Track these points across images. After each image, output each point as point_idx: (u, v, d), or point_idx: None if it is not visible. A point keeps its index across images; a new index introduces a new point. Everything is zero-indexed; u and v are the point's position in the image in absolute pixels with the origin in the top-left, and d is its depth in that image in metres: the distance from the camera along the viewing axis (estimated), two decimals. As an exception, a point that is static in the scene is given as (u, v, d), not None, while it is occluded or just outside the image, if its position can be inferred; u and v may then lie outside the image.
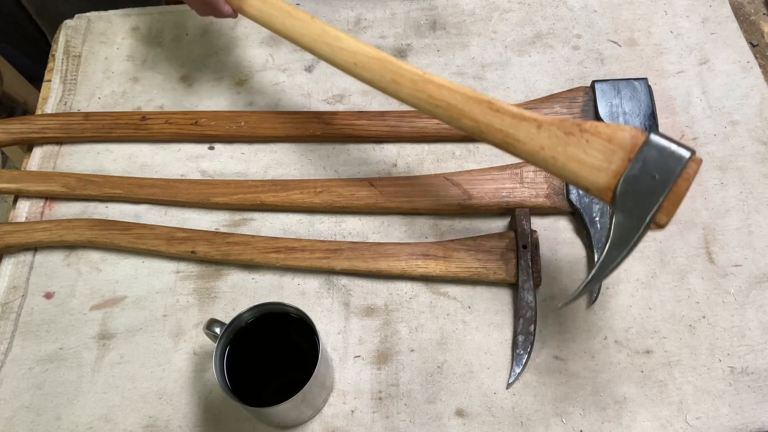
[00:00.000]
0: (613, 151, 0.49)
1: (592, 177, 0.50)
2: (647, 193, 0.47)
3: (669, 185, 0.46)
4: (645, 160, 0.47)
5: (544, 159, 0.52)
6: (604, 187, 0.49)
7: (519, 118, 0.53)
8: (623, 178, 0.48)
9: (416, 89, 0.57)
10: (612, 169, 0.49)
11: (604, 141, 0.49)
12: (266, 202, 0.71)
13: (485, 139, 0.55)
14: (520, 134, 0.53)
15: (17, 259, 0.72)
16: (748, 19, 0.88)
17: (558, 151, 0.51)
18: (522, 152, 0.53)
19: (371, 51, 0.60)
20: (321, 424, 0.61)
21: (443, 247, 0.66)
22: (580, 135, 0.50)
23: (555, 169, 0.52)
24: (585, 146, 0.50)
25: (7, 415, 0.63)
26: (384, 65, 0.60)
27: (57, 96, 0.83)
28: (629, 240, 0.48)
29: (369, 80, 0.61)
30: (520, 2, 0.86)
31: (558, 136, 0.51)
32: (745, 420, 0.59)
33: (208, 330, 0.57)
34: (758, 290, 0.65)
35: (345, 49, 0.62)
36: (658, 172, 0.47)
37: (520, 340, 0.62)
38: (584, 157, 0.50)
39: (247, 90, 0.82)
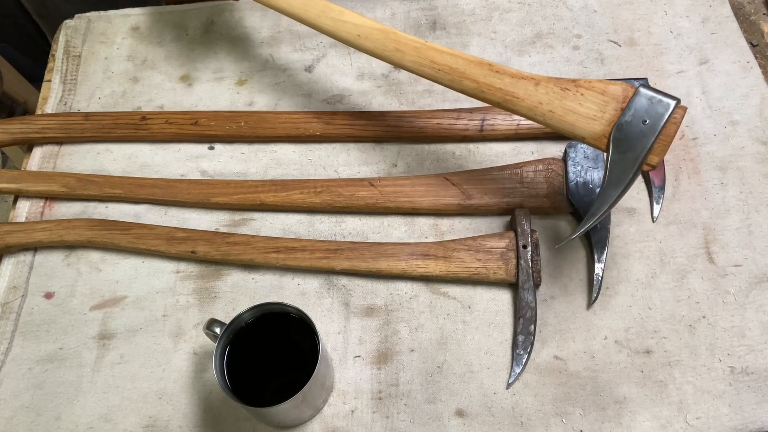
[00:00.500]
0: (607, 102, 0.54)
1: (588, 126, 0.55)
2: (639, 137, 0.52)
3: (658, 128, 0.52)
4: (636, 108, 0.53)
5: (542, 113, 0.56)
6: (599, 134, 0.54)
7: (518, 77, 0.57)
8: (617, 125, 0.53)
9: (419, 56, 0.61)
10: (606, 118, 0.54)
11: (597, 93, 0.55)
12: (266, 202, 0.71)
13: (486, 98, 0.59)
14: (519, 91, 0.57)
15: (17, 259, 0.72)
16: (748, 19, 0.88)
17: (555, 105, 0.56)
18: (521, 108, 0.57)
19: (373, 23, 0.64)
20: (321, 424, 0.61)
21: (443, 247, 0.66)
22: (576, 90, 0.55)
23: (553, 121, 0.56)
24: (580, 99, 0.55)
25: (7, 415, 0.63)
26: (387, 35, 0.63)
27: (57, 96, 0.83)
28: (624, 180, 0.52)
29: (372, 50, 0.64)
30: (520, 2, 0.86)
31: (555, 92, 0.56)
32: (745, 420, 0.59)
33: (208, 330, 0.57)
34: (758, 290, 0.65)
35: (348, 21, 0.64)
36: (648, 117, 0.52)
37: (520, 340, 0.62)
38: (580, 109, 0.55)
39: (247, 90, 0.82)
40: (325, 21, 0.66)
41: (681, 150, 0.73)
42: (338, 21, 0.65)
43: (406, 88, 0.80)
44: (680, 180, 0.71)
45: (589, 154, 0.69)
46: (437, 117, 0.75)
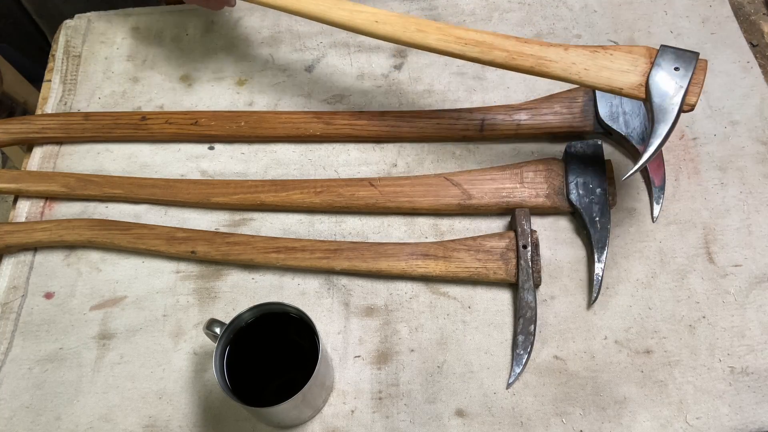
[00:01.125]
0: (636, 58, 0.59)
1: (624, 78, 0.59)
2: (676, 80, 0.57)
3: (691, 69, 0.58)
4: (665, 59, 0.58)
5: (578, 72, 0.60)
6: (636, 83, 0.59)
7: (546, 44, 0.61)
8: (651, 74, 0.58)
9: (443, 34, 0.63)
10: (639, 70, 0.59)
11: (625, 53, 0.60)
12: (266, 202, 0.71)
13: (517, 65, 0.61)
14: (551, 55, 0.61)
15: (17, 259, 0.72)
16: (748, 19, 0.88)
17: (589, 64, 0.60)
18: (555, 70, 0.61)
19: (389, 12, 0.65)
20: (321, 424, 0.61)
21: (443, 247, 0.66)
22: (604, 51, 0.60)
23: (589, 78, 0.60)
24: (610, 58, 0.60)
25: (7, 415, 0.63)
26: (406, 19, 0.65)
27: (57, 96, 0.83)
28: (669, 118, 0.57)
29: (392, 34, 0.64)
30: (520, 2, 0.86)
31: (585, 54, 0.60)
32: (745, 420, 0.59)
33: (208, 330, 0.57)
34: (758, 290, 0.65)
35: (364, 11, 0.66)
36: (679, 64, 0.58)
37: (520, 340, 0.62)
38: (612, 65, 0.60)
39: (247, 90, 0.82)
40: (339, 12, 0.66)
41: (681, 150, 0.73)
42: (353, 11, 0.66)
43: (406, 88, 0.80)
44: (680, 180, 0.71)
45: (589, 154, 0.69)
46: (437, 117, 0.75)
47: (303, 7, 0.67)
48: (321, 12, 0.67)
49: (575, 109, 0.73)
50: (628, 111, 0.71)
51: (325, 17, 0.67)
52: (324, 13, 0.67)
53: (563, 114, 0.73)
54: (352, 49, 0.84)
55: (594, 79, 0.60)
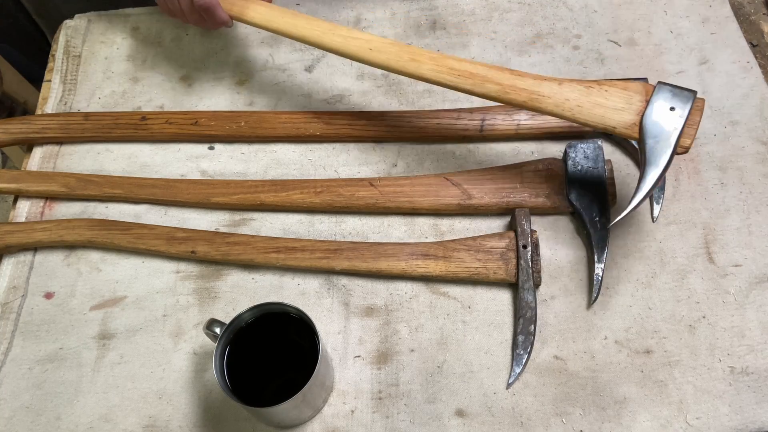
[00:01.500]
0: (631, 96, 0.58)
1: (618, 117, 0.58)
2: (671, 122, 0.56)
3: (687, 111, 0.56)
4: (661, 98, 0.57)
5: (571, 108, 0.59)
6: (630, 123, 0.57)
7: (540, 78, 0.60)
8: (645, 113, 0.56)
9: (436, 64, 0.62)
10: (633, 109, 0.57)
11: (620, 90, 0.58)
12: (266, 202, 0.71)
13: (510, 99, 0.61)
14: (544, 90, 0.59)
15: (17, 259, 0.72)
16: (748, 19, 0.88)
17: (582, 101, 0.58)
18: (548, 105, 0.59)
19: (384, 39, 0.65)
20: (321, 424, 0.61)
21: (443, 247, 0.66)
22: (599, 87, 0.59)
23: (582, 115, 0.58)
24: (605, 95, 0.58)
25: (7, 415, 0.63)
26: (400, 47, 0.64)
27: (57, 96, 0.83)
28: (662, 161, 0.55)
29: (386, 62, 0.64)
30: (520, 2, 0.86)
31: (579, 90, 0.59)
32: (745, 420, 0.59)
33: (208, 330, 0.57)
34: (758, 290, 0.65)
35: (358, 38, 0.66)
36: (675, 104, 0.56)
37: (520, 340, 0.62)
38: (607, 102, 0.58)
39: (247, 90, 0.82)
40: (333, 38, 0.67)
41: (681, 150, 0.73)
42: (348, 37, 0.66)
43: (406, 88, 0.80)
44: (680, 180, 0.71)
45: (588, 154, 0.69)
46: (437, 117, 0.75)
47: (298, 32, 0.68)
48: (316, 37, 0.67)
49: (575, 109, 0.73)
50: (628, 111, 0.71)
51: (319, 42, 0.67)
52: (319, 38, 0.67)
53: (563, 114, 0.73)
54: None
55: (587, 117, 0.58)
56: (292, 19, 0.69)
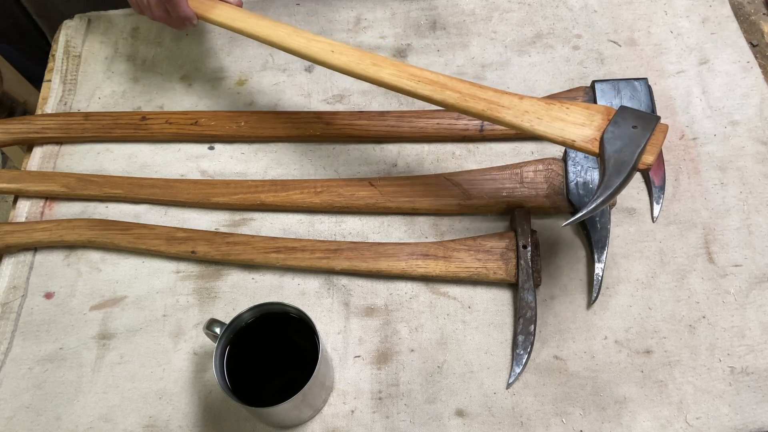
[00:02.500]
0: (593, 114, 0.57)
1: (578, 131, 0.56)
2: (632, 138, 0.54)
3: (650, 131, 0.54)
4: (624, 117, 0.55)
5: (530, 120, 0.57)
6: (590, 137, 0.56)
7: (501, 92, 0.59)
8: (608, 128, 0.55)
9: (398, 70, 0.61)
10: (595, 125, 0.56)
11: (582, 108, 0.57)
12: (266, 202, 0.71)
13: (468, 108, 0.59)
14: (504, 101, 0.58)
15: (17, 259, 0.72)
16: (748, 19, 0.89)
17: (542, 114, 0.57)
18: (506, 116, 0.58)
19: (346, 45, 0.64)
20: (321, 424, 0.61)
21: (443, 247, 0.66)
22: (560, 105, 0.58)
23: (540, 127, 0.57)
24: (566, 111, 0.57)
25: (7, 415, 0.63)
26: (363, 53, 0.63)
27: (57, 96, 0.83)
28: (624, 170, 0.53)
29: (347, 65, 0.63)
30: (520, 2, 0.86)
31: (540, 105, 0.58)
32: (745, 420, 0.59)
33: (208, 330, 0.57)
34: (758, 290, 0.65)
35: (321, 41, 0.65)
36: (638, 123, 0.55)
37: (520, 340, 0.62)
38: (567, 117, 0.57)
39: (247, 90, 0.82)
40: (296, 40, 0.66)
41: (681, 150, 0.73)
42: (311, 40, 0.66)
43: (406, 88, 0.80)
44: (680, 180, 0.71)
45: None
46: (437, 117, 0.75)
47: (262, 33, 0.68)
48: (279, 38, 0.67)
49: (575, 109, 0.73)
50: (628, 111, 0.71)
51: (282, 44, 0.67)
52: (282, 40, 0.67)
53: (563, 114, 0.73)
54: (352, 49, 0.84)
55: (545, 129, 0.57)
56: (257, 21, 0.69)
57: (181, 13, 0.70)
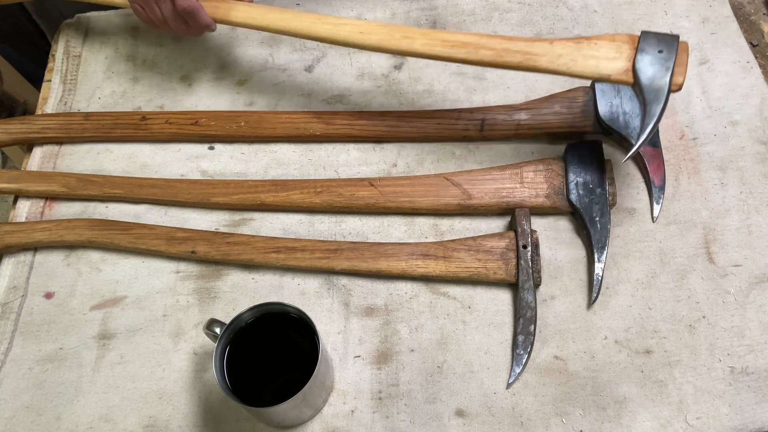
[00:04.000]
0: (620, 46, 0.61)
1: (611, 65, 0.60)
2: (661, 62, 0.59)
3: (674, 52, 0.59)
4: (648, 43, 0.60)
5: (565, 63, 0.61)
6: (624, 69, 0.60)
7: (531, 40, 0.62)
8: (637, 57, 0.59)
9: (428, 38, 0.64)
10: (625, 56, 0.60)
11: (608, 41, 0.61)
12: (266, 202, 0.71)
13: (504, 62, 0.63)
14: (537, 49, 0.62)
15: (17, 259, 0.72)
16: (748, 19, 0.88)
17: (575, 55, 0.61)
18: (543, 63, 0.62)
19: (372, 22, 0.66)
20: (321, 424, 0.61)
21: (443, 247, 0.66)
22: (587, 42, 0.61)
23: (576, 68, 0.61)
24: (595, 47, 0.61)
25: (7, 415, 0.63)
26: (391, 27, 0.65)
27: (57, 96, 0.83)
28: (660, 97, 0.58)
29: (378, 44, 0.65)
30: (520, 2, 0.86)
31: (570, 46, 0.61)
32: (745, 420, 0.59)
33: (208, 330, 0.57)
34: (758, 290, 0.65)
35: (348, 23, 0.66)
36: (662, 47, 0.59)
37: (520, 340, 0.62)
38: (598, 54, 0.61)
39: (247, 90, 0.82)
40: (323, 27, 0.67)
41: (681, 150, 0.73)
42: (337, 24, 0.66)
43: (406, 88, 0.80)
44: (680, 180, 0.71)
45: (588, 154, 0.69)
46: (437, 117, 0.75)
47: (287, 26, 0.68)
48: (305, 28, 0.67)
49: (575, 109, 0.73)
50: (628, 111, 0.71)
51: (309, 33, 0.67)
52: (308, 30, 0.67)
53: (563, 114, 0.73)
54: (352, 49, 0.84)
55: (581, 69, 0.60)
56: (279, 14, 0.69)
57: (201, 23, 0.70)
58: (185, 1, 0.67)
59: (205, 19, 0.70)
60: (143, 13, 0.71)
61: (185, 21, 0.70)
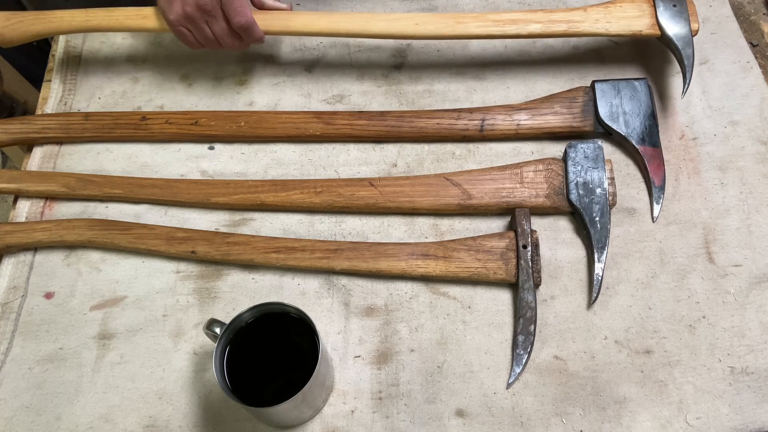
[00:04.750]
0: (639, 4, 0.73)
1: (640, 22, 0.72)
2: (677, 13, 0.71)
3: (685, 3, 0.72)
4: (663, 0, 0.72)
5: (603, 26, 0.72)
6: (650, 24, 0.72)
7: (567, 10, 0.72)
8: (658, 12, 0.71)
9: (480, 20, 0.71)
10: (648, 13, 0.72)
11: (629, 3, 0.73)
12: (266, 202, 0.71)
13: (552, 32, 0.72)
14: (576, 17, 0.72)
15: (17, 259, 0.72)
16: (748, 19, 0.88)
17: (609, 18, 0.72)
18: (585, 27, 0.72)
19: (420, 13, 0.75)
20: (321, 424, 0.61)
21: (443, 247, 0.66)
22: (613, 5, 0.73)
23: (612, 29, 0.72)
24: (621, 10, 0.72)
25: (7, 415, 0.63)
26: (441, 15, 0.72)
27: (57, 96, 0.83)
28: (689, 41, 0.70)
29: (435, 32, 0.71)
30: (519, 2, 0.86)
31: (602, 11, 0.72)
32: (745, 420, 0.59)
33: (208, 330, 0.57)
34: (758, 290, 0.65)
35: (400, 18, 0.72)
36: (675, 1, 0.72)
37: (520, 340, 0.62)
38: (626, 14, 0.72)
39: (247, 90, 0.82)
40: (378, 24, 0.72)
41: (681, 150, 0.73)
42: (391, 20, 0.71)
43: (406, 88, 0.80)
44: (680, 180, 0.71)
45: (588, 154, 0.69)
46: (437, 117, 0.75)
47: (340, 28, 0.72)
48: (359, 28, 0.72)
49: (575, 109, 0.73)
50: (628, 111, 0.71)
51: (365, 32, 0.72)
52: (363, 29, 0.72)
53: (563, 114, 0.73)
54: (352, 49, 0.84)
55: (617, 29, 0.71)
56: (332, 18, 0.72)
57: (255, 37, 0.72)
58: (242, 18, 0.69)
59: (258, 33, 0.72)
60: (190, 35, 0.72)
61: (239, 36, 0.72)
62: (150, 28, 0.75)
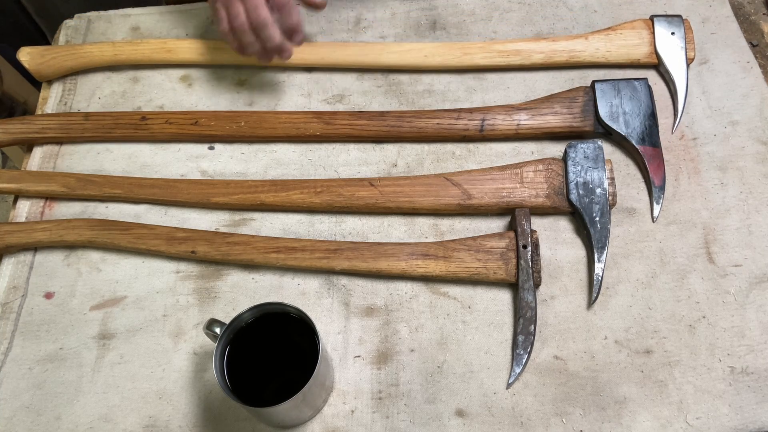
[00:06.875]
0: (639, 31, 0.75)
1: (639, 51, 0.75)
2: (675, 41, 0.74)
3: (683, 31, 0.74)
4: (662, 26, 0.75)
5: (603, 55, 0.75)
6: (649, 52, 0.75)
7: (569, 38, 0.75)
8: (656, 42, 0.75)
9: (486, 51, 0.76)
10: (646, 41, 0.75)
11: (629, 29, 0.76)
12: (266, 202, 0.71)
13: (555, 62, 0.76)
14: (578, 46, 0.75)
15: (17, 259, 0.72)
16: (748, 19, 0.88)
17: (609, 47, 0.75)
18: (585, 57, 0.75)
19: (427, 43, 0.76)
20: (321, 424, 0.61)
21: (443, 247, 0.66)
22: (614, 32, 0.76)
23: (612, 58, 0.74)
24: (621, 37, 0.75)
25: (7, 415, 0.63)
26: (448, 45, 0.76)
27: (57, 96, 0.83)
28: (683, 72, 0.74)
29: (443, 63, 0.75)
30: (520, 2, 0.86)
31: (603, 39, 0.75)
32: (745, 420, 0.59)
33: (208, 330, 0.57)
34: (758, 290, 0.65)
35: (410, 49, 0.77)
36: (673, 29, 0.75)
37: (520, 340, 0.62)
38: (626, 42, 0.75)
39: (247, 90, 0.82)
40: (389, 56, 0.77)
41: (681, 150, 0.73)
42: (401, 52, 0.75)
43: (406, 88, 0.80)
44: (680, 180, 0.71)
45: (588, 154, 0.69)
46: (437, 117, 0.75)
47: (353, 61, 0.78)
48: (372, 60, 0.77)
49: (575, 109, 0.73)
50: (628, 111, 0.71)
51: (376, 64, 0.77)
52: (375, 61, 0.77)
53: (563, 114, 0.73)
54: (352, 49, 0.84)
55: (617, 58, 0.74)
56: (346, 49, 0.78)
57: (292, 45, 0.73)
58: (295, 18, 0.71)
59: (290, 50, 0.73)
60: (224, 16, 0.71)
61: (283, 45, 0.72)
62: (174, 61, 0.82)
